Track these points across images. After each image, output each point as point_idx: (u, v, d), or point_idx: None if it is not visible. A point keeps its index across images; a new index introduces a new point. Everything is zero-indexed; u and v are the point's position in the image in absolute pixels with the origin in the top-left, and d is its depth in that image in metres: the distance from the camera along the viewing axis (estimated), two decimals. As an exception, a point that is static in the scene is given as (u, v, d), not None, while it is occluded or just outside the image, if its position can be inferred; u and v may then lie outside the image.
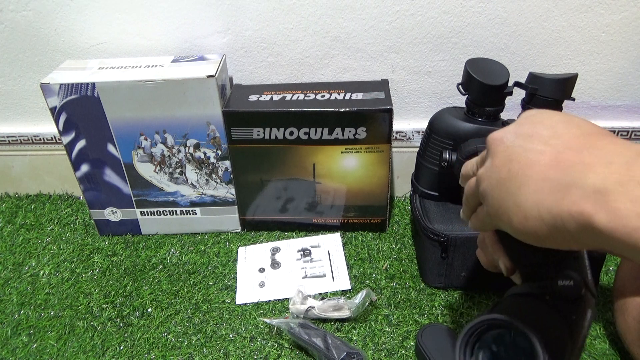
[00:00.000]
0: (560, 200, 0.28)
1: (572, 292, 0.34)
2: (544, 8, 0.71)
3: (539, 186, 0.29)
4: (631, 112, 0.80)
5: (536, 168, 0.30)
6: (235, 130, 0.71)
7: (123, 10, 0.75)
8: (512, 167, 0.31)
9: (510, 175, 0.31)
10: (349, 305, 0.64)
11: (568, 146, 0.30)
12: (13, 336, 0.66)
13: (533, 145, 0.31)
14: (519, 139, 0.32)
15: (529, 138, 0.32)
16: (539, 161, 0.30)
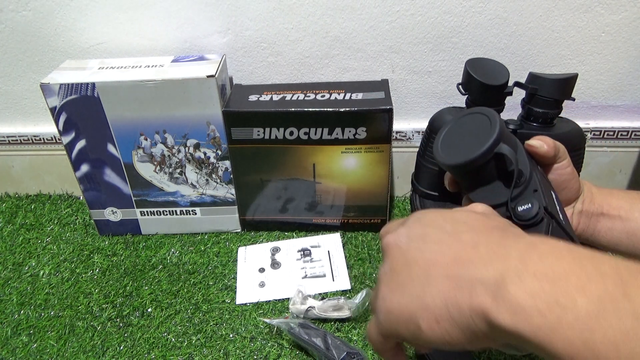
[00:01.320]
0: (467, 296, 0.27)
1: (532, 214, 0.38)
2: (544, 8, 0.71)
3: (445, 285, 0.28)
4: (631, 112, 0.80)
5: (438, 267, 0.29)
6: (235, 130, 0.71)
7: (123, 10, 0.75)
8: (412, 270, 0.31)
9: (411, 277, 0.30)
10: (349, 305, 0.64)
11: (463, 243, 0.30)
12: (13, 336, 0.66)
13: (429, 246, 0.31)
14: (413, 242, 0.32)
15: (423, 239, 0.31)
16: (439, 260, 0.30)
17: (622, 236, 0.45)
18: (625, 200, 0.46)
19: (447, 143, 0.44)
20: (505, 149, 0.40)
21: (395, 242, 0.33)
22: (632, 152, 0.82)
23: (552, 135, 0.64)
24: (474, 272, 0.28)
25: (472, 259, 0.29)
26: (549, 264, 0.26)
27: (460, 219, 0.32)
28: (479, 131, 0.42)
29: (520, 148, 0.44)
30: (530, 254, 0.27)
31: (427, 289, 0.29)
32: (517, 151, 0.42)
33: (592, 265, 0.25)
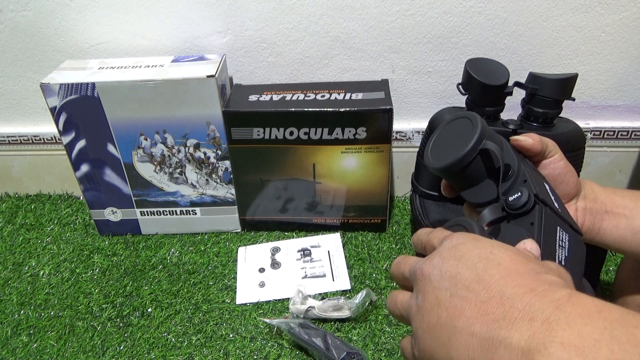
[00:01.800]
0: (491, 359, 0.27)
1: (522, 202, 0.39)
2: (544, 8, 0.71)
3: (469, 342, 0.28)
4: (631, 112, 0.80)
5: (463, 320, 0.29)
6: (235, 130, 0.71)
7: (123, 10, 0.75)
8: (441, 314, 0.31)
9: (439, 323, 0.31)
10: (349, 305, 0.64)
11: (491, 295, 0.29)
12: (13, 336, 0.66)
13: (457, 290, 0.30)
14: (444, 280, 0.31)
15: (454, 280, 0.31)
16: (465, 311, 0.29)
17: (627, 234, 0.45)
18: (629, 199, 0.46)
19: (436, 148, 0.45)
20: (489, 144, 0.41)
21: (428, 274, 0.33)
22: (632, 152, 0.82)
23: (552, 135, 0.64)
24: (498, 332, 0.27)
25: (497, 318, 0.28)
26: (577, 331, 0.25)
27: (494, 259, 0.31)
28: (463, 133, 0.43)
29: (505, 144, 0.45)
30: (558, 317, 0.26)
31: (453, 340, 0.29)
32: (503, 147, 0.43)
33: (624, 331, 0.24)
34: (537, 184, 0.41)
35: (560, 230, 0.40)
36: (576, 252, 0.40)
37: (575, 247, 0.40)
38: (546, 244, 0.38)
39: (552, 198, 0.42)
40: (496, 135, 0.44)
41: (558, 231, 0.40)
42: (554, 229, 0.40)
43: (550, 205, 0.40)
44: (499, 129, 0.65)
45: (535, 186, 0.40)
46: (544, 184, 0.43)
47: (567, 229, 0.41)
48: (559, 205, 0.42)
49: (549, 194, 0.42)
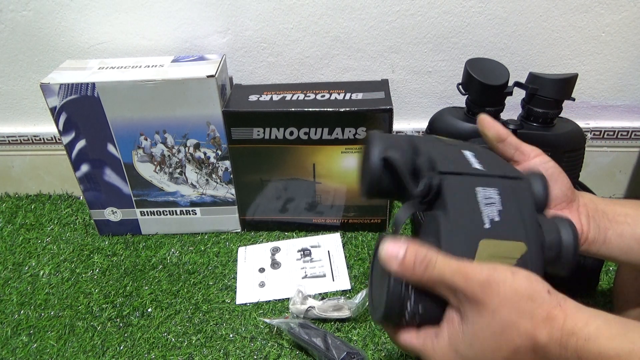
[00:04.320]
0: None
1: (424, 187, 0.37)
2: (544, 8, 0.71)
3: None
4: (631, 112, 0.80)
5: None
6: (235, 130, 0.71)
7: (123, 10, 0.75)
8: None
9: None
10: (349, 305, 0.64)
11: None
12: (13, 336, 0.66)
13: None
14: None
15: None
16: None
17: (632, 243, 0.44)
18: (629, 207, 0.45)
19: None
20: (390, 153, 0.40)
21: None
22: (632, 152, 0.82)
23: (552, 135, 0.64)
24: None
25: None
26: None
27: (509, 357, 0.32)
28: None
29: (421, 140, 0.43)
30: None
31: None
32: (415, 146, 0.41)
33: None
34: (452, 161, 0.40)
35: (482, 189, 0.38)
36: (514, 198, 0.38)
37: (510, 195, 0.38)
38: (465, 212, 0.37)
39: (473, 162, 0.39)
40: (403, 137, 0.43)
41: (479, 191, 0.38)
42: (472, 192, 0.38)
43: (466, 172, 0.38)
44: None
45: (444, 163, 0.39)
46: (473, 157, 0.41)
47: (493, 183, 0.39)
48: (487, 165, 0.40)
49: (468, 161, 0.40)
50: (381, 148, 0.41)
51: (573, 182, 0.67)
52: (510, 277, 0.32)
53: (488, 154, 0.43)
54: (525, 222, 0.38)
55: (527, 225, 0.38)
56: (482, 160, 0.41)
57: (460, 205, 0.37)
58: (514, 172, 0.41)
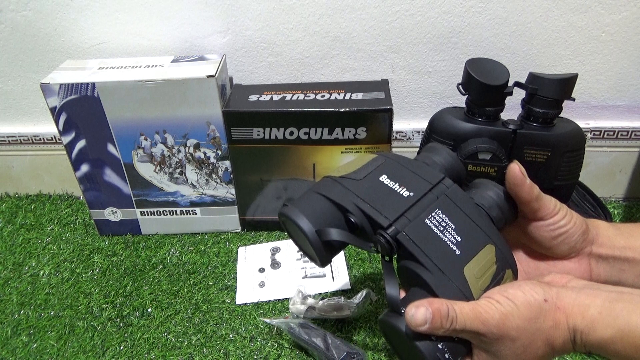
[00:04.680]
0: None
1: (384, 249, 0.40)
2: (544, 8, 0.71)
3: None
4: (631, 112, 0.80)
5: None
6: (235, 130, 0.71)
7: (123, 10, 0.75)
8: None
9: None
10: (349, 305, 0.64)
11: None
12: (13, 336, 0.66)
13: None
14: None
15: None
16: None
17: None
18: None
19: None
20: (331, 233, 0.41)
21: None
22: (632, 152, 0.82)
23: (552, 135, 0.64)
24: None
25: None
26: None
27: None
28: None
29: (338, 199, 0.42)
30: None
31: None
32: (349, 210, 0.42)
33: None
34: (384, 206, 0.41)
35: (429, 219, 0.40)
36: (454, 207, 0.41)
37: (450, 205, 0.41)
38: (435, 253, 0.39)
39: (399, 190, 0.42)
40: (318, 201, 0.43)
41: (429, 223, 0.40)
42: (425, 228, 0.39)
43: (403, 209, 0.40)
44: (499, 129, 0.65)
45: (380, 216, 0.40)
46: (392, 182, 0.43)
47: (430, 204, 0.41)
48: (408, 183, 0.42)
49: (395, 192, 0.42)
50: (309, 225, 0.41)
51: (573, 182, 0.68)
52: (515, 308, 0.36)
53: (397, 165, 0.44)
54: (476, 221, 0.40)
55: (479, 223, 0.41)
56: (400, 180, 0.43)
57: (426, 249, 0.39)
58: (431, 175, 0.43)
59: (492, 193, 0.43)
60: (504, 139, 0.64)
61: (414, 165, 0.44)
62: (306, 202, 0.43)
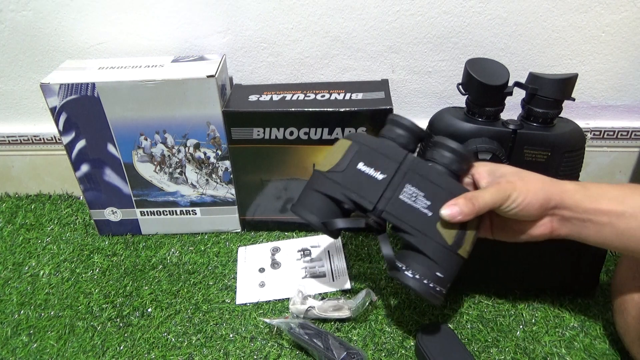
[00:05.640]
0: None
1: (375, 227, 0.53)
2: (544, 8, 0.71)
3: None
4: (631, 112, 0.80)
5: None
6: (235, 130, 0.71)
7: (123, 10, 0.75)
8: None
9: None
10: (349, 305, 0.64)
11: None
12: (13, 336, 0.66)
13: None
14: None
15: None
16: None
17: (611, 237, 0.46)
18: (616, 203, 0.46)
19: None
20: (338, 223, 0.54)
21: None
22: (632, 152, 0.82)
23: (552, 135, 0.64)
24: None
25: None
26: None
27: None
28: None
29: (330, 191, 0.54)
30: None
31: None
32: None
33: None
34: (367, 191, 0.52)
35: (403, 194, 0.51)
36: (420, 177, 0.52)
37: (417, 176, 0.51)
38: (416, 222, 0.51)
39: (374, 175, 0.52)
40: (316, 197, 0.55)
41: (404, 197, 0.51)
42: (403, 204, 0.51)
43: (382, 190, 0.52)
44: (499, 129, 0.65)
45: (365, 200, 0.52)
46: (368, 167, 0.53)
47: (401, 180, 0.52)
48: (380, 165, 0.52)
49: (372, 177, 0.52)
50: (316, 219, 0.54)
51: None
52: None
53: (369, 150, 0.53)
54: (439, 184, 0.51)
55: (441, 183, 0.51)
56: (374, 163, 0.53)
57: (405, 219, 0.51)
58: (396, 153, 0.53)
59: (448, 150, 0.53)
60: (504, 139, 0.64)
61: (383, 146, 0.53)
62: (309, 200, 0.55)
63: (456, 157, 0.53)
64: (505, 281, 0.66)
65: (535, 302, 0.66)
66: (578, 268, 0.64)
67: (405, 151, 0.53)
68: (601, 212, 0.46)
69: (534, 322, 0.63)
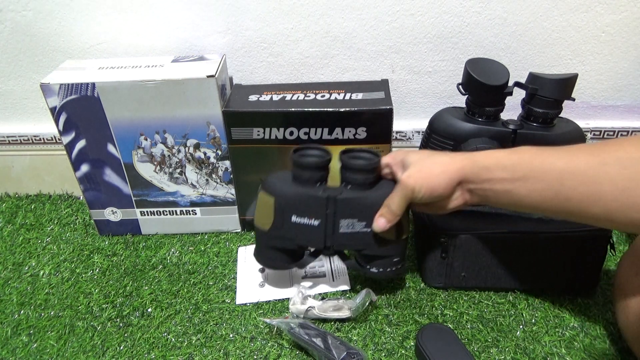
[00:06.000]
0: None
1: (333, 255, 0.66)
2: (544, 8, 0.71)
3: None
4: (631, 112, 0.80)
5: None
6: (235, 130, 0.71)
7: (123, 10, 0.75)
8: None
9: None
10: (349, 305, 0.64)
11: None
12: (13, 336, 0.66)
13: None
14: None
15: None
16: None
17: (514, 201, 0.52)
18: (509, 171, 0.50)
19: None
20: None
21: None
22: (632, 152, 0.82)
23: (552, 135, 0.64)
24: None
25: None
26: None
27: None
28: None
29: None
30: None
31: None
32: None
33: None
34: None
35: (340, 226, 0.61)
36: (354, 205, 0.59)
37: (349, 205, 0.59)
38: (349, 239, 0.62)
39: (322, 222, 0.61)
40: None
41: (341, 229, 0.61)
42: (340, 234, 0.61)
43: (329, 233, 0.61)
44: (499, 129, 0.65)
45: (319, 244, 0.63)
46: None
47: (338, 217, 0.60)
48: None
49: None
50: (285, 265, 0.66)
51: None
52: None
53: (292, 201, 0.60)
54: (362, 202, 0.59)
55: (364, 201, 0.59)
56: (304, 213, 0.61)
57: (352, 244, 0.63)
58: (316, 200, 0.60)
59: (356, 171, 0.59)
60: (504, 139, 0.64)
61: (302, 195, 0.60)
62: (269, 255, 0.65)
63: (365, 173, 0.59)
64: (505, 281, 0.66)
65: (535, 302, 0.66)
66: (578, 268, 0.64)
67: (324, 195, 0.59)
68: (496, 181, 0.51)
69: (534, 322, 0.63)
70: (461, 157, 0.54)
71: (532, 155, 0.50)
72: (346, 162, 0.60)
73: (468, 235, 0.63)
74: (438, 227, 0.65)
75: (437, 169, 0.54)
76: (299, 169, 0.61)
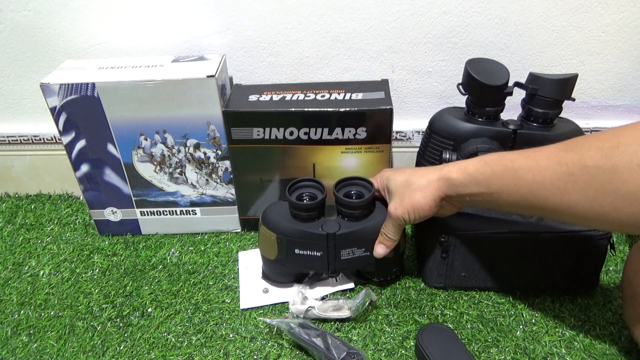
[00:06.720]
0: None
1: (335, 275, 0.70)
2: (544, 8, 0.71)
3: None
4: (631, 112, 0.80)
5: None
6: (235, 130, 0.71)
7: (123, 10, 0.75)
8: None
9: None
10: (349, 305, 0.64)
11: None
12: (13, 336, 0.66)
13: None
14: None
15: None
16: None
17: (497, 206, 0.55)
18: (483, 187, 0.52)
19: None
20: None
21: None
22: (632, 152, 0.82)
23: (552, 135, 0.64)
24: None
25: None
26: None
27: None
28: None
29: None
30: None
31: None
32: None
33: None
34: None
35: (342, 255, 0.65)
36: (351, 233, 0.64)
37: (347, 235, 0.64)
38: (352, 263, 0.66)
39: (324, 253, 0.65)
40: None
41: (343, 256, 0.65)
42: (342, 261, 0.65)
43: (331, 261, 0.65)
44: (499, 129, 0.65)
45: (325, 270, 0.67)
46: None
47: (338, 248, 0.64)
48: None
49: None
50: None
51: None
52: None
53: (294, 239, 0.64)
54: (359, 231, 0.64)
55: (362, 230, 0.64)
56: (306, 247, 0.65)
57: (357, 265, 0.68)
58: (317, 237, 0.63)
59: (352, 208, 0.64)
60: (504, 139, 0.64)
61: (302, 233, 0.63)
62: (275, 278, 0.71)
63: (360, 209, 0.64)
64: (505, 281, 0.66)
65: (535, 302, 0.66)
66: (578, 268, 0.64)
67: (324, 233, 0.63)
68: (475, 194, 0.53)
69: (534, 322, 0.63)
70: (436, 176, 0.56)
71: (503, 168, 0.51)
72: (341, 200, 0.64)
73: (468, 235, 0.63)
74: (438, 227, 0.65)
75: (417, 195, 0.57)
76: (296, 210, 0.64)
